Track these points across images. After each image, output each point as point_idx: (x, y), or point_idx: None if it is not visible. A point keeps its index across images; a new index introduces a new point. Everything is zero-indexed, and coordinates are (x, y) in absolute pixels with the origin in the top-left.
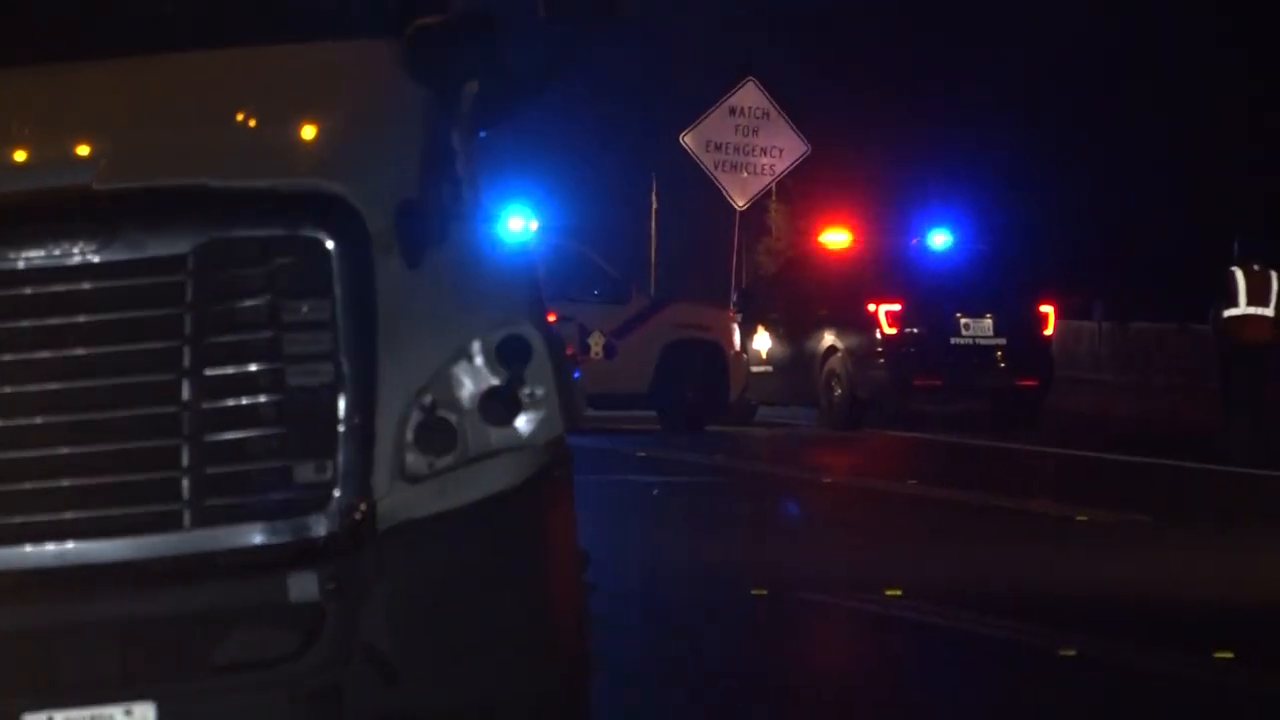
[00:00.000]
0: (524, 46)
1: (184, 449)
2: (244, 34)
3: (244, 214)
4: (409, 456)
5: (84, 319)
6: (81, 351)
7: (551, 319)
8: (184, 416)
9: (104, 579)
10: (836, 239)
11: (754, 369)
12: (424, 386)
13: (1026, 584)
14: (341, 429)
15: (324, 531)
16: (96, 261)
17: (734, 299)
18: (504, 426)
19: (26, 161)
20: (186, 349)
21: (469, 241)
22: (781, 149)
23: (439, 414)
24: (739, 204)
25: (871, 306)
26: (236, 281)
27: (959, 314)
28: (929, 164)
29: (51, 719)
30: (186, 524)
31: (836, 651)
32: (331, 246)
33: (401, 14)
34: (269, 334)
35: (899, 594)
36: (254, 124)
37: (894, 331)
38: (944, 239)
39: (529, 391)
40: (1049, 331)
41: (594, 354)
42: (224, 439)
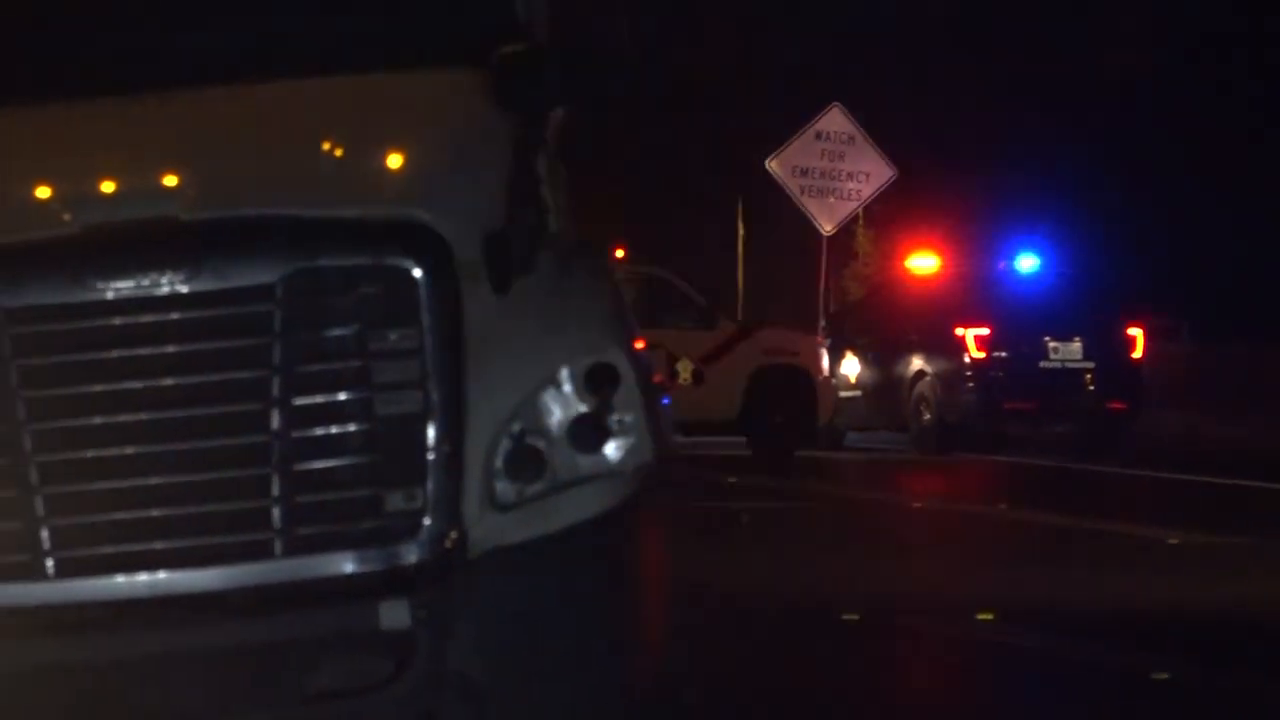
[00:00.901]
0: (608, 73)
1: (274, 478)
2: (329, 64)
3: (331, 243)
4: (498, 484)
5: (173, 349)
6: (171, 381)
7: (639, 346)
8: (274, 446)
9: (195, 609)
10: (924, 263)
11: (842, 394)
12: (513, 414)
13: (1119, 607)
14: (431, 457)
15: (414, 559)
16: (185, 292)
17: (822, 324)
18: (593, 453)
19: (114, 192)
20: (275, 378)
21: (556, 268)
22: (868, 173)
23: (528, 441)
24: (826, 229)
25: (960, 331)
26: (325, 310)
27: (1047, 337)
28: (1015, 186)
29: None
30: (277, 553)
31: (928, 675)
32: (419, 275)
33: (486, 43)
34: (357, 363)
35: (990, 617)
36: (340, 153)
37: (982, 355)
38: (1031, 262)
39: (618, 418)
40: (1138, 354)
41: (682, 380)
42: (314, 468)
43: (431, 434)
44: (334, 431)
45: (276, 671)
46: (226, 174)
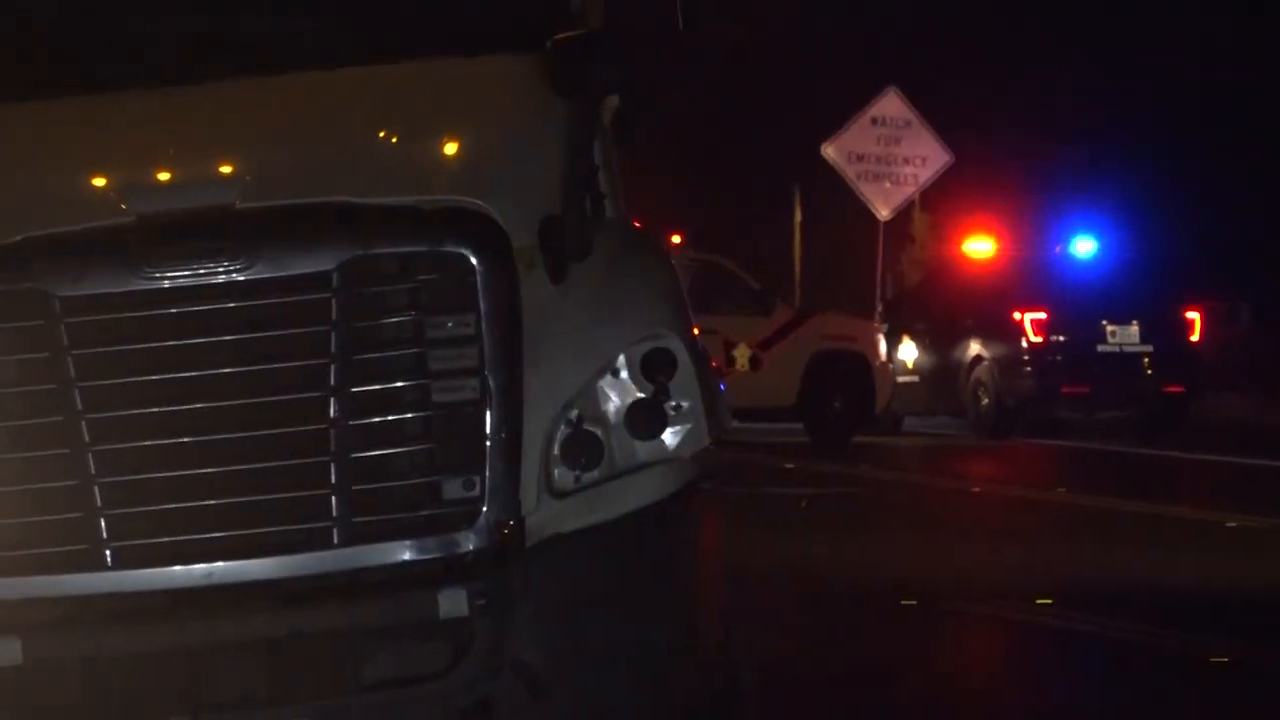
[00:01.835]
0: (662, 59)
1: (332, 466)
2: (384, 52)
3: (388, 230)
4: (556, 471)
5: (230, 337)
6: (228, 370)
7: (695, 332)
8: (332, 434)
9: (254, 597)
10: (980, 248)
11: (900, 379)
12: (570, 401)
13: (1178, 590)
14: (488, 444)
15: (472, 547)
16: (241, 280)
17: (879, 309)
18: (650, 440)
19: (169, 181)
20: (333, 366)
21: (613, 255)
22: (924, 158)
23: (585, 428)
24: (882, 214)
25: (1017, 315)
26: (382, 298)
27: (1105, 321)
28: (1072, 170)
29: None
30: (336, 541)
31: (987, 659)
32: (475, 262)
33: (541, 29)
34: (415, 350)
35: (1049, 602)
36: (396, 141)
37: (1040, 340)
38: (1088, 246)
39: (675, 404)
40: (1196, 337)
41: (739, 366)
42: (372, 456)
43: (489, 421)
44: (392, 419)
45: (335, 660)
46: (283, 162)
